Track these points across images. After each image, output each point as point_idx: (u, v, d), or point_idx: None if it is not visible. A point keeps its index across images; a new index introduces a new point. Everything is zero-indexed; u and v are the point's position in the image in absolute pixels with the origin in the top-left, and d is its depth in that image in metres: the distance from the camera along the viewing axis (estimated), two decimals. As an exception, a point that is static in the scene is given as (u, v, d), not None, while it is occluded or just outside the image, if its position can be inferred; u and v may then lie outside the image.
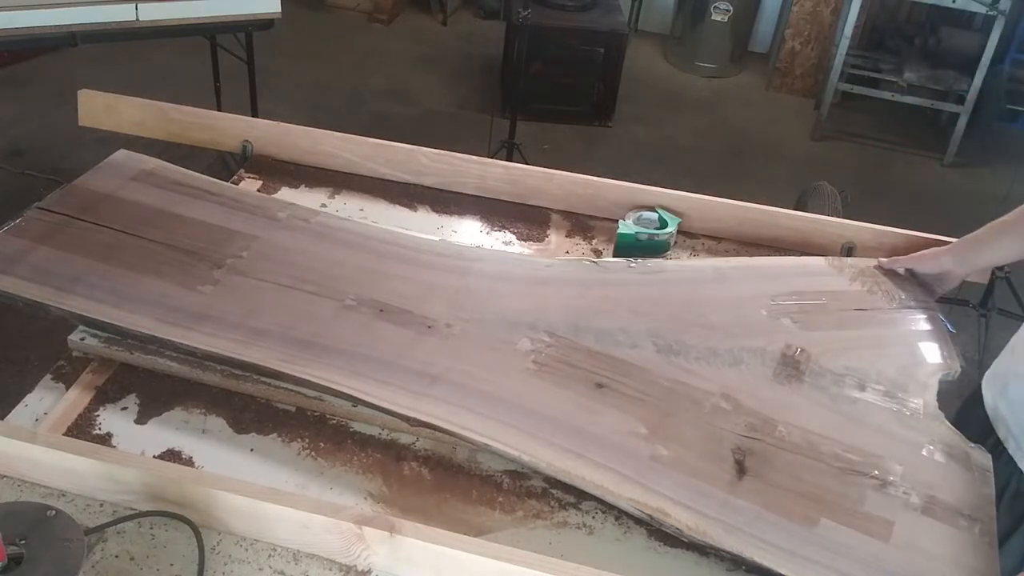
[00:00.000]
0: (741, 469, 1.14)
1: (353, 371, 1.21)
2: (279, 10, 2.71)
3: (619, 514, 1.13)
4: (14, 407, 1.21)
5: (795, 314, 1.38)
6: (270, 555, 1.02)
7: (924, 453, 1.19)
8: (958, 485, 1.15)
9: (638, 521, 1.12)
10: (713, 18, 4.70)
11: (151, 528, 1.03)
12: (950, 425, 1.23)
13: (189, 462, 1.14)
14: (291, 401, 1.24)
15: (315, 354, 1.23)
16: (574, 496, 1.15)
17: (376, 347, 1.26)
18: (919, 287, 1.45)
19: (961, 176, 4.27)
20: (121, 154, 1.59)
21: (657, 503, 1.09)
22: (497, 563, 0.96)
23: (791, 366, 1.29)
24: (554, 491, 1.15)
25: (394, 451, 1.19)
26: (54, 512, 0.95)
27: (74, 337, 1.28)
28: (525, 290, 1.40)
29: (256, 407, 1.23)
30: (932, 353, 1.35)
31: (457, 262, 1.44)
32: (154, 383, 1.25)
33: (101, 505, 1.06)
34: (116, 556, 1.00)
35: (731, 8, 4.67)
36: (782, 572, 1.03)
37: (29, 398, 1.22)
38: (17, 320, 2.57)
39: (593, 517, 1.13)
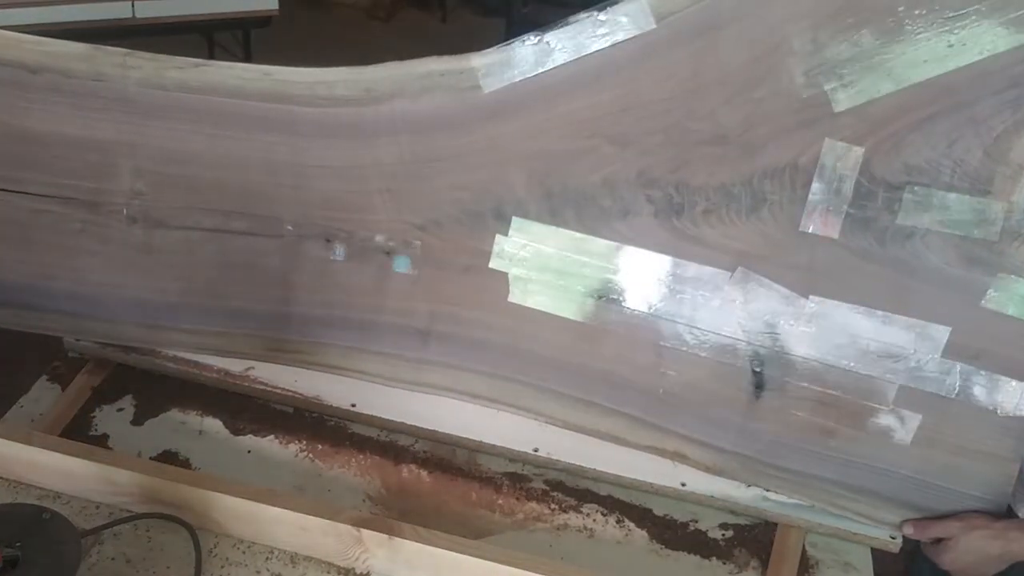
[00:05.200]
0: (759, 384, 1.07)
1: (345, 347, 1.18)
2: (277, 7, 2.71)
3: (620, 517, 1.12)
4: (10, 408, 1.20)
5: (846, 65, 0.93)
6: (267, 557, 1.01)
7: (984, 303, 0.97)
8: (1013, 343, 0.99)
9: (640, 524, 1.11)
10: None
11: (147, 530, 1.02)
12: None
13: (186, 464, 1.14)
14: (289, 402, 1.23)
15: (299, 331, 1.19)
16: (575, 499, 1.14)
17: (349, 302, 1.17)
18: None
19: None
20: None
21: (674, 446, 1.09)
22: (497, 566, 0.95)
23: (832, 191, 0.98)
24: (554, 493, 1.15)
25: (393, 453, 1.18)
26: (50, 514, 0.94)
27: (70, 337, 1.27)
28: (474, 141, 1.08)
29: (253, 408, 1.22)
30: None
31: (374, 110, 1.07)
32: (150, 384, 1.24)
33: (97, 507, 1.05)
34: (112, 559, 0.99)
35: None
36: (792, 497, 1.08)
37: (25, 399, 1.21)
38: (14, 319, 2.56)
39: (594, 520, 1.12)
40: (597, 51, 1.00)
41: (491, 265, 1.12)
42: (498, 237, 1.10)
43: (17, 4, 2.35)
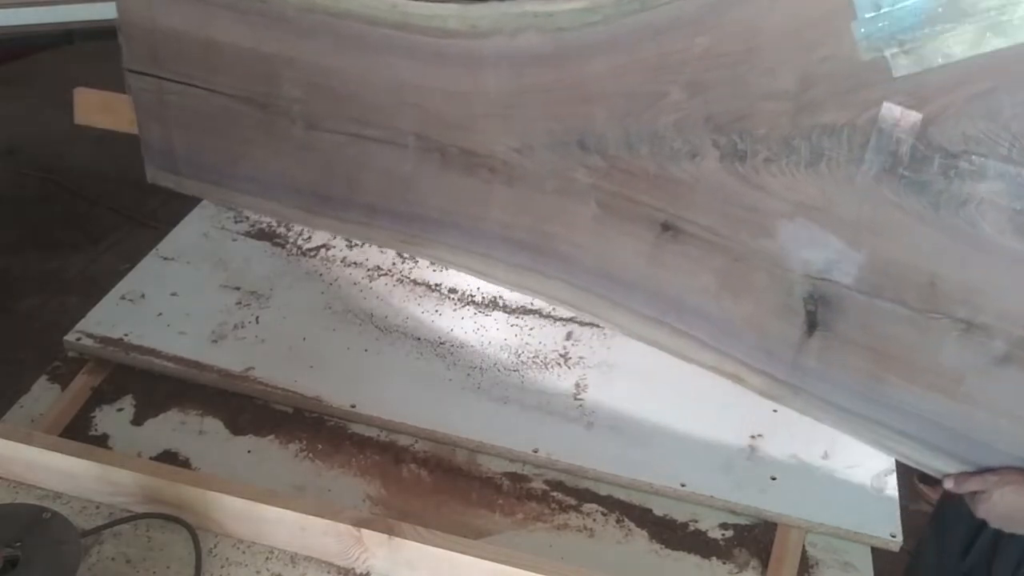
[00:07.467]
0: (812, 323, 1.11)
1: (452, 245, 1.33)
2: (276, 8, 2.71)
3: (620, 517, 1.12)
4: (9, 408, 1.20)
5: (907, 32, 0.93)
6: (267, 558, 1.01)
7: None
8: None
9: (640, 524, 1.12)
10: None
11: (148, 530, 1.02)
12: None
13: (186, 464, 1.14)
14: (289, 402, 1.23)
15: (420, 228, 1.35)
16: (575, 499, 1.14)
17: (461, 210, 1.31)
18: None
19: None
20: None
21: (733, 369, 1.17)
22: (497, 566, 0.95)
23: (887, 152, 0.99)
24: (554, 493, 1.15)
25: (393, 453, 1.18)
26: (50, 514, 0.94)
27: (70, 338, 1.27)
28: (562, 77, 1.17)
29: (253, 408, 1.22)
30: None
31: (479, 43, 1.20)
32: (151, 384, 1.24)
33: (97, 507, 1.05)
34: (112, 559, 0.99)
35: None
36: (841, 431, 1.13)
37: (25, 399, 1.21)
38: (12, 320, 2.56)
39: (594, 520, 1.12)
40: (668, 2, 1.06)
41: (579, 194, 1.22)
42: (582, 168, 1.20)
43: (16, 4, 2.35)
